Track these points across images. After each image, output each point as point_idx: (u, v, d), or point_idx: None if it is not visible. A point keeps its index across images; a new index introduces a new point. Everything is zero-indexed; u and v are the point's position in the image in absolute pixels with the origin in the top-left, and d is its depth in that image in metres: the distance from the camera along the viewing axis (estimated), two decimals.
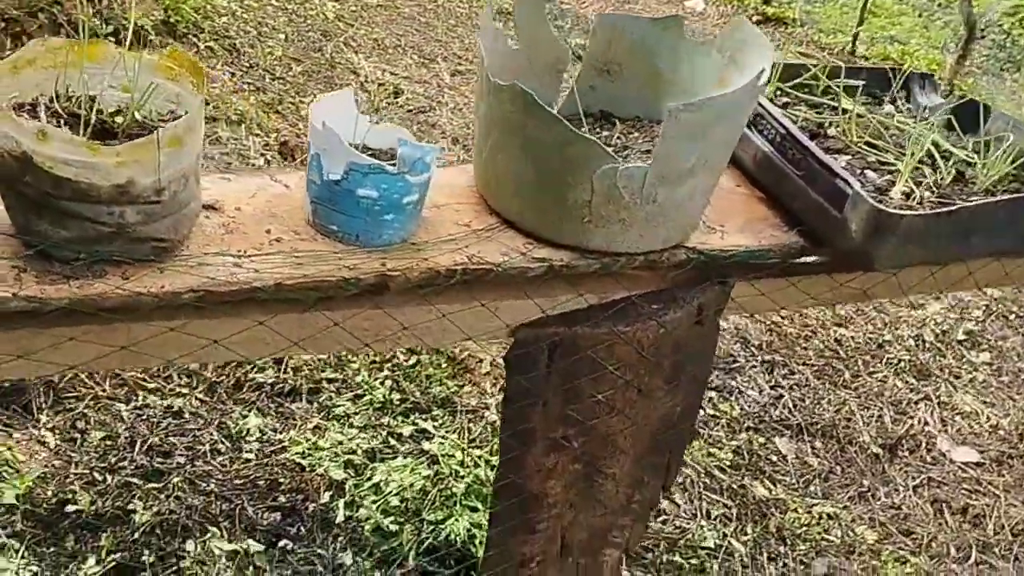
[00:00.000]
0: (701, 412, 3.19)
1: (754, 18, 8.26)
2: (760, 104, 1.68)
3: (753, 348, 3.69)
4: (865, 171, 1.63)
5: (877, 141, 1.71)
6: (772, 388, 3.46)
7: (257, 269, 1.24)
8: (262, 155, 3.51)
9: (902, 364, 3.77)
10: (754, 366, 3.59)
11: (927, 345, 3.92)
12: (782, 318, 3.90)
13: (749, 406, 3.32)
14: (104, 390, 2.35)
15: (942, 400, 3.60)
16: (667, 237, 1.47)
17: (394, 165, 1.29)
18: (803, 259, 1.61)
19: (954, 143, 1.80)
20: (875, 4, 8.95)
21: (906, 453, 3.30)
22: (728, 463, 3.00)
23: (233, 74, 4.08)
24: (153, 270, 1.19)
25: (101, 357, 1.20)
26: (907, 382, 3.68)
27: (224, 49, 4.26)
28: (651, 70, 1.66)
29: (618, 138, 1.62)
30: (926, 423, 3.45)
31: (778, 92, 1.82)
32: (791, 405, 3.38)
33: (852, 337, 3.90)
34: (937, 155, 1.66)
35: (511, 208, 1.46)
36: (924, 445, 3.34)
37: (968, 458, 3.28)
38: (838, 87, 1.83)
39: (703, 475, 2.92)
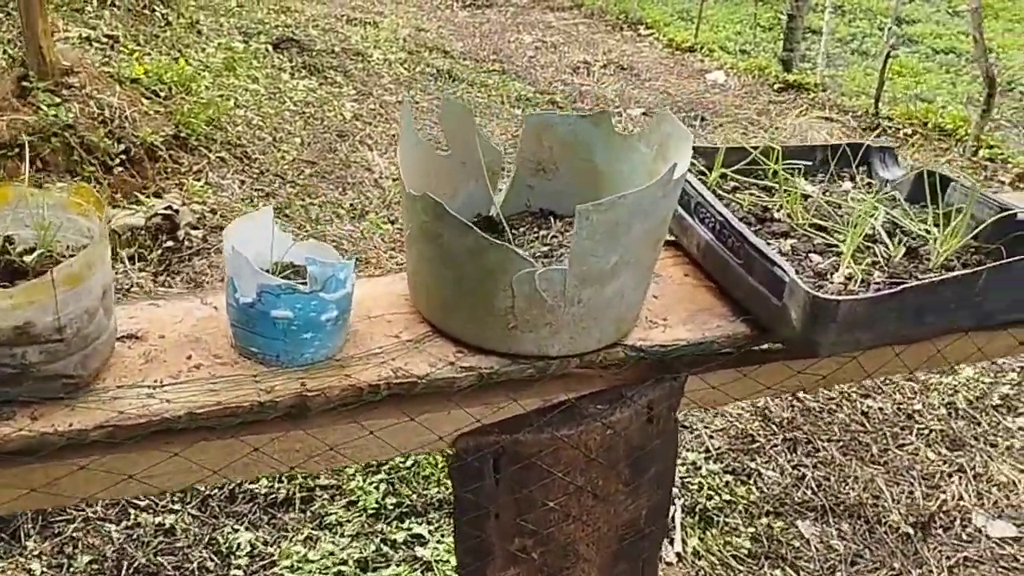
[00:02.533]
0: (716, 498, 3.09)
1: (776, 86, 8.29)
2: (700, 192, 1.66)
3: (774, 426, 3.58)
4: (810, 255, 1.59)
5: (825, 222, 1.67)
6: (794, 468, 3.35)
7: (170, 399, 1.24)
8: None
9: (933, 434, 3.63)
10: (775, 445, 3.48)
11: (960, 412, 3.77)
12: (805, 393, 3.80)
13: (769, 488, 3.21)
14: (95, 511, 2.36)
15: (977, 471, 3.44)
16: (601, 337, 1.44)
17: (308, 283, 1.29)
18: (753, 348, 1.56)
19: (914, 216, 1.75)
20: (900, 64, 8.93)
21: (939, 531, 3.14)
22: (746, 552, 2.89)
23: (243, 182, 4.19)
24: (63, 408, 1.20)
25: (16, 500, 1.21)
26: (939, 453, 3.53)
27: (235, 158, 4.39)
28: (587, 166, 1.66)
29: (554, 236, 1.61)
30: (960, 497, 3.29)
31: (723, 178, 1.80)
32: (814, 485, 3.26)
33: (880, 408, 3.77)
34: (882, 232, 1.62)
35: (439, 317, 1.45)
36: (959, 521, 3.18)
37: (1005, 533, 3.11)
38: (787, 169, 1.80)
39: (718, 566, 2.81)
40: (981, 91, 7.46)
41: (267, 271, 1.39)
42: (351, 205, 4.45)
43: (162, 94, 4.46)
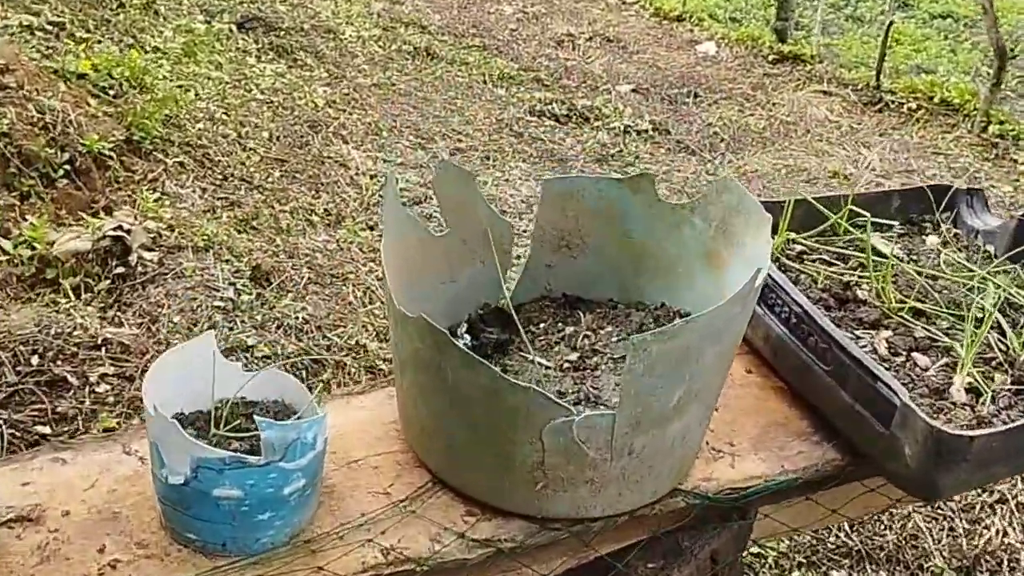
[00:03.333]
0: (744, 553, 2.77)
1: (770, 57, 7.90)
2: (768, 272, 1.30)
3: None
4: (912, 354, 1.24)
5: (923, 304, 1.32)
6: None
7: None
8: (231, 284, 3.19)
9: None
10: None
11: None
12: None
13: (800, 536, 2.89)
14: None
15: (1020, 499, 3.14)
16: (657, 488, 1.09)
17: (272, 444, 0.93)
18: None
19: (1020, 284, 1.41)
20: (898, 31, 8.55)
21: (986, 574, 2.84)
22: None
23: (204, 190, 3.78)
24: None
25: None
26: None
27: (195, 161, 3.98)
28: (623, 242, 1.30)
29: (585, 336, 1.25)
30: (1005, 533, 2.99)
31: (789, 242, 1.44)
32: (848, 528, 2.95)
33: None
34: (1000, 319, 1.27)
35: (442, 465, 1.09)
36: (1006, 563, 2.88)
37: None
38: (860, 223, 1.45)
39: None
40: (984, 60, 7.12)
41: (207, 417, 1.03)
42: (325, 210, 4.06)
43: (112, 91, 4.02)
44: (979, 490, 3.16)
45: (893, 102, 6.81)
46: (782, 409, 1.27)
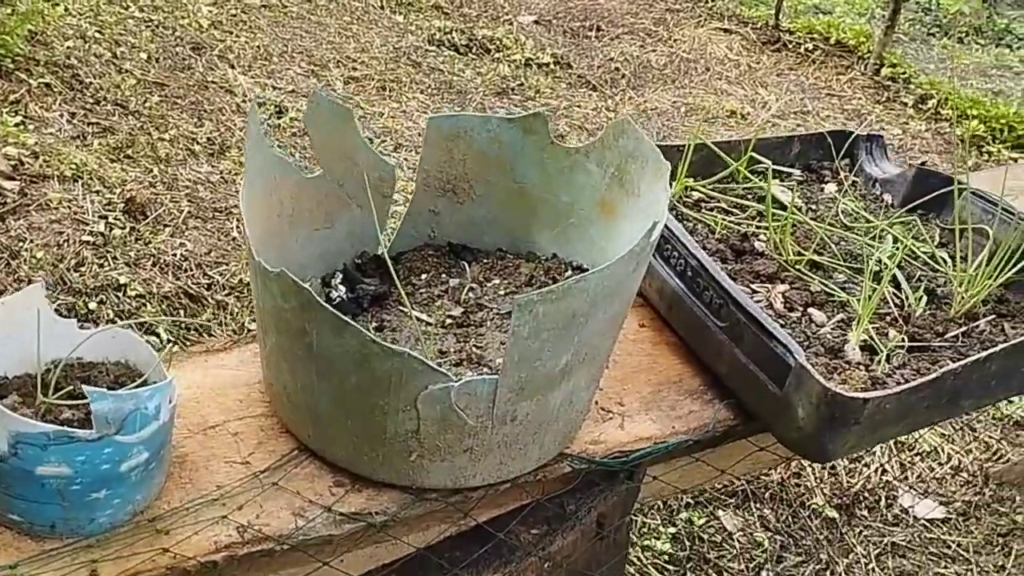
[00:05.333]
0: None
1: None
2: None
3: None
4: (809, 309, 1.20)
5: (821, 256, 1.28)
6: None
7: None
8: (103, 217, 2.97)
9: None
10: None
11: None
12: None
13: None
14: None
15: (900, 439, 3.24)
16: (542, 454, 1.02)
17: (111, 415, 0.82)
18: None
19: (917, 236, 1.38)
20: None
21: (865, 512, 2.92)
22: (668, 556, 2.59)
23: (73, 114, 3.51)
24: None
25: None
26: None
27: (64, 83, 3.68)
28: (514, 188, 1.21)
29: (470, 289, 1.16)
30: (884, 471, 3.08)
31: (687, 189, 1.38)
32: None
33: None
34: (900, 274, 1.24)
35: (309, 432, 1.00)
36: (884, 500, 2.97)
37: (933, 514, 2.92)
38: (756, 170, 1.39)
39: None
40: (879, 2, 7.22)
41: (35, 382, 0.90)
42: (208, 139, 3.83)
43: None
44: None
45: (791, 42, 6.85)
46: (675, 366, 1.22)
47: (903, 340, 1.17)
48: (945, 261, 1.29)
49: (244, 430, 1.01)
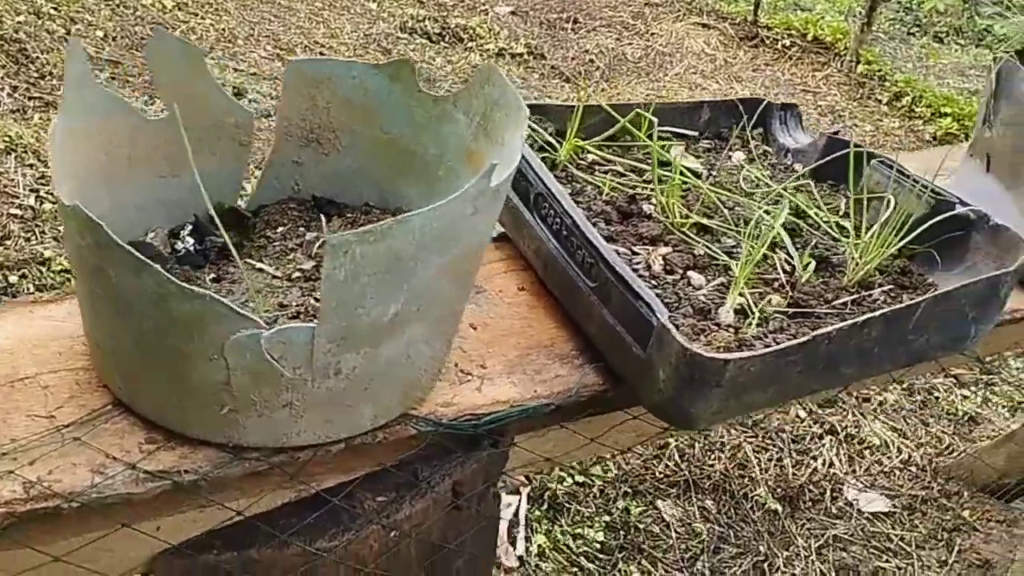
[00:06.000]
0: (569, 480, 2.71)
1: None
2: (540, 178, 1.16)
3: None
4: (689, 272, 1.14)
5: (710, 218, 1.21)
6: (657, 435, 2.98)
7: None
8: (33, 191, 2.90)
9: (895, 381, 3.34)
10: None
11: None
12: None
13: (628, 463, 2.85)
14: None
15: (849, 431, 3.18)
16: (377, 413, 0.96)
17: None
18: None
19: (823, 205, 1.32)
20: None
21: (809, 505, 2.86)
22: (599, 545, 2.53)
23: (16, 88, 3.43)
24: None
25: None
26: (811, 411, 3.25)
27: (9, 57, 3.60)
28: (382, 138, 1.14)
29: (324, 244, 1.09)
30: (831, 464, 3.02)
31: (580, 150, 1.31)
32: (678, 456, 2.92)
33: None
34: (785, 237, 1.18)
35: (121, 384, 0.93)
36: (829, 493, 2.91)
37: (877, 508, 2.87)
38: (664, 135, 1.33)
39: (567, 567, 2.44)
40: (861, 1, 7.18)
41: None
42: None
43: None
44: (811, 421, 3.19)
45: (768, 38, 6.81)
46: (550, 330, 1.15)
47: (785, 306, 1.10)
48: (845, 229, 1.23)
49: (57, 383, 0.94)
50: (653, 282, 1.09)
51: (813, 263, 1.16)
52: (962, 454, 3.05)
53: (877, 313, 1.03)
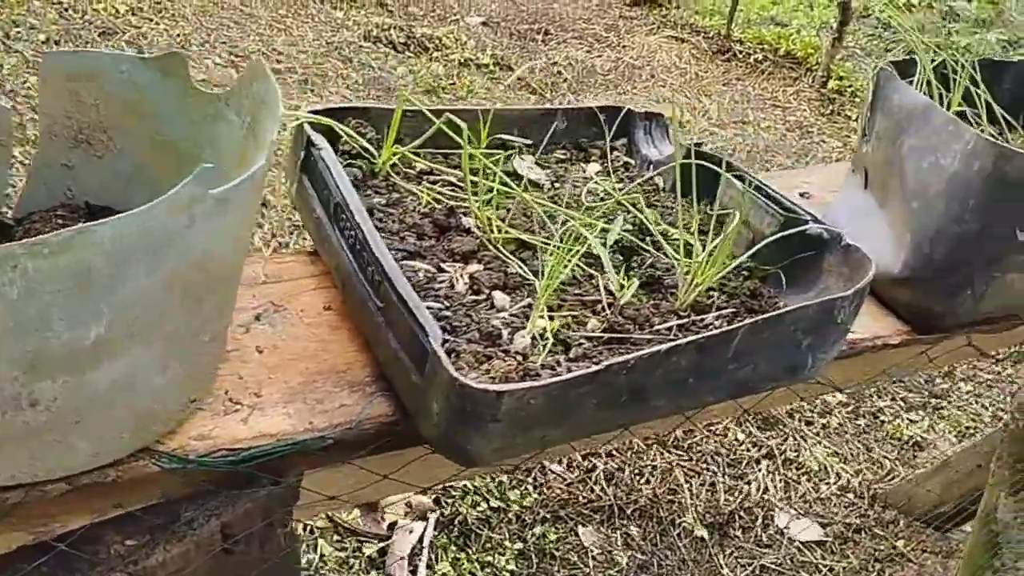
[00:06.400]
0: (483, 505, 2.60)
1: (627, 1, 7.73)
2: (339, 188, 1.06)
3: None
4: (495, 292, 1.04)
5: (533, 236, 1.11)
6: (584, 458, 2.89)
7: None
8: None
9: (747, 412, 3.24)
10: None
11: None
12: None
13: (550, 488, 2.75)
14: None
15: (788, 455, 3.08)
16: (101, 449, 0.85)
17: None
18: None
19: (665, 221, 1.22)
20: None
21: (739, 532, 2.76)
22: (508, 574, 2.42)
23: None
24: None
25: None
26: (749, 434, 3.14)
27: None
28: (157, 138, 1.04)
29: None
30: (766, 489, 2.92)
31: (417, 155, 1.21)
32: (604, 480, 2.81)
33: None
34: (604, 256, 1.08)
35: None
36: (760, 520, 2.80)
37: (809, 536, 2.76)
38: (507, 144, 1.23)
39: None
40: (834, 16, 7.11)
41: None
42: None
43: None
44: (749, 444, 3.09)
45: (741, 52, 6.74)
46: (348, 354, 1.05)
47: (599, 331, 1.00)
48: (691, 247, 1.13)
49: None
50: (446, 303, 0.99)
51: (636, 283, 1.06)
52: (900, 480, 2.94)
53: (684, 341, 0.93)
